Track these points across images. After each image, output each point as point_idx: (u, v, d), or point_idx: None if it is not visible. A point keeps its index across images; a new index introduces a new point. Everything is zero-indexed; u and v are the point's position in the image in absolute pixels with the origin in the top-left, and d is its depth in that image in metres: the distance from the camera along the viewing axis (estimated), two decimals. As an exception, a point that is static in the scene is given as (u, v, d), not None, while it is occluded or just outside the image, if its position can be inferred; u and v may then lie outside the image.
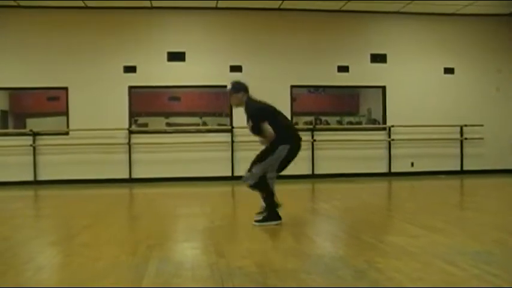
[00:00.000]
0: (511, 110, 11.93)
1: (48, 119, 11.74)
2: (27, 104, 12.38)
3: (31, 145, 10.55)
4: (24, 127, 11.79)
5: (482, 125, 11.67)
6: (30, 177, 10.52)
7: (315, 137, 11.25)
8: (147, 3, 10.63)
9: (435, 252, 3.94)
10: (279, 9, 11.06)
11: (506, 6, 11.23)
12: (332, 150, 11.29)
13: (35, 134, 10.63)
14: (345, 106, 13.97)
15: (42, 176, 10.59)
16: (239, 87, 5.50)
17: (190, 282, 3.26)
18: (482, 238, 4.56)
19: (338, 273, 3.38)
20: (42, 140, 10.68)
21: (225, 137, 10.97)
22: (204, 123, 12.39)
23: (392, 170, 11.51)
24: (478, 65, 11.92)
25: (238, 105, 5.51)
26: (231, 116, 11.03)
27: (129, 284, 3.23)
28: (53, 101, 11.59)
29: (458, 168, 11.73)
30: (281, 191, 5.27)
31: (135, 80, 10.87)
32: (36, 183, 10.50)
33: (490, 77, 11.94)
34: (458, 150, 11.76)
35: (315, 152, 11.22)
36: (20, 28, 10.62)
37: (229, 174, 10.77)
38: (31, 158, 10.55)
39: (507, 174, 11.71)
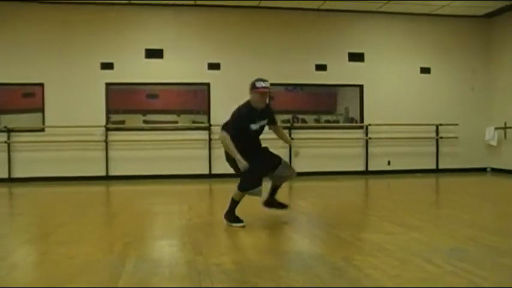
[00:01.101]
0: (485, 110, 12.12)
1: (23, 116, 11.52)
2: (2, 100, 12.12)
3: (6, 142, 10.37)
4: (-2, 124, 11.58)
5: (457, 124, 11.83)
6: (4, 175, 10.34)
7: (292, 135, 11.29)
8: (125, 0, 10.53)
9: (411, 249, 3.99)
10: (257, 7, 11.05)
11: (480, 8, 11.40)
12: (309, 149, 11.32)
13: (9, 131, 10.45)
14: (323, 104, 13.98)
15: (17, 173, 10.42)
16: None
17: (167, 280, 3.24)
18: (457, 235, 4.63)
19: (316, 270, 3.41)
20: (17, 137, 10.50)
21: (203, 135, 10.94)
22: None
23: (370, 168, 11.60)
24: (453, 65, 12.07)
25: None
26: (208, 114, 11.00)
27: (106, 282, 3.20)
28: (28, 98, 11.38)
29: (434, 167, 11.87)
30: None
31: (112, 76, 10.75)
32: (10, 180, 10.32)
33: (465, 77, 12.10)
34: (434, 148, 11.90)
35: (292, 150, 11.23)
36: (-6, 23, 10.44)
37: (207, 172, 10.74)
38: (5, 155, 10.37)
39: (481, 172, 11.92)
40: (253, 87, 5.25)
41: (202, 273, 3.35)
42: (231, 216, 5.17)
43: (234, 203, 5.20)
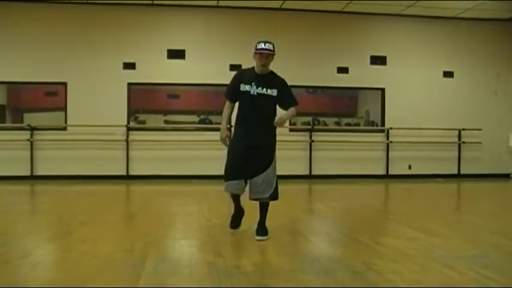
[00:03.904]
0: (509, 115, 11.94)
1: (46, 114, 11.69)
2: (25, 99, 12.31)
3: (28, 140, 10.51)
4: (22, 122, 11.74)
5: (480, 129, 11.67)
6: (27, 172, 10.48)
7: (313, 138, 11.25)
8: (148, 1, 10.61)
9: (432, 255, 3.95)
10: (280, 9, 11.05)
11: (506, 11, 11.23)
12: (330, 151, 11.28)
13: (32, 129, 10.59)
14: (344, 107, 13.96)
15: (39, 171, 10.55)
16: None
17: (187, 281, 3.25)
18: (479, 242, 4.56)
19: (335, 274, 3.38)
20: (39, 135, 10.64)
21: (223, 136, 10.94)
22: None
23: (390, 173, 11.50)
24: (477, 69, 11.92)
25: (266, 68, 4.97)
26: (229, 114, 11.01)
27: (126, 281, 3.22)
28: (51, 96, 11.54)
29: (456, 172, 11.73)
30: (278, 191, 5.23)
31: (134, 76, 10.83)
32: (33, 178, 10.46)
33: (488, 81, 11.94)
34: (456, 153, 11.76)
35: (312, 152, 11.21)
36: (20, 23, 10.55)
37: (227, 173, 10.74)
38: (28, 152, 10.51)
39: (504, 178, 11.73)
40: (254, 48, 5.00)
41: (222, 274, 3.35)
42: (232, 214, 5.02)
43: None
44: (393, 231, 5.29)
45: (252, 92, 4.79)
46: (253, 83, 4.84)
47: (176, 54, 10.92)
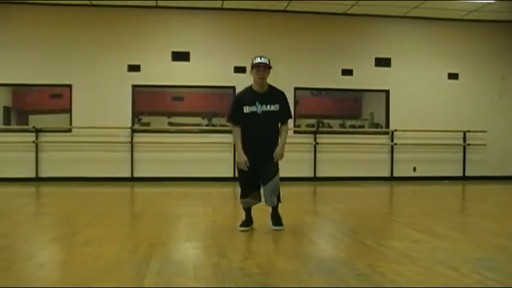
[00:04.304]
0: (515, 117, 11.92)
1: (51, 116, 11.73)
2: (30, 101, 12.36)
3: (33, 142, 10.55)
4: (27, 124, 11.79)
5: (485, 131, 11.64)
6: (32, 174, 10.52)
7: (317, 140, 11.24)
8: (153, 3, 10.64)
9: (437, 257, 3.93)
10: (284, 11, 11.06)
11: (510, 13, 11.21)
12: (334, 153, 11.28)
13: (37, 131, 10.63)
14: (348, 109, 13.94)
15: (44, 173, 10.60)
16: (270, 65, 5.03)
17: (192, 282, 3.25)
18: (484, 244, 4.54)
19: (340, 275, 3.38)
20: (44, 137, 10.68)
21: (227, 138, 10.95)
22: (212, 125, 12.22)
23: (395, 175, 11.49)
24: (482, 71, 11.90)
25: (264, 82, 5.00)
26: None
27: (131, 282, 3.23)
28: (56, 98, 11.59)
29: (461, 174, 11.70)
30: (283, 193, 5.23)
31: (138, 79, 10.87)
32: (38, 179, 10.50)
33: (494, 83, 11.92)
34: (461, 155, 11.73)
35: (317, 154, 11.21)
36: (25, 24, 10.62)
37: (231, 175, 10.76)
38: (33, 154, 10.55)
39: (509, 180, 11.68)
40: (251, 64, 5.03)
41: (226, 276, 3.35)
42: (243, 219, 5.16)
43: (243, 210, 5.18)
44: (398, 234, 5.28)
45: (258, 112, 4.93)
46: (257, 103, 4.95)
47: (181, 56, 10.95)
